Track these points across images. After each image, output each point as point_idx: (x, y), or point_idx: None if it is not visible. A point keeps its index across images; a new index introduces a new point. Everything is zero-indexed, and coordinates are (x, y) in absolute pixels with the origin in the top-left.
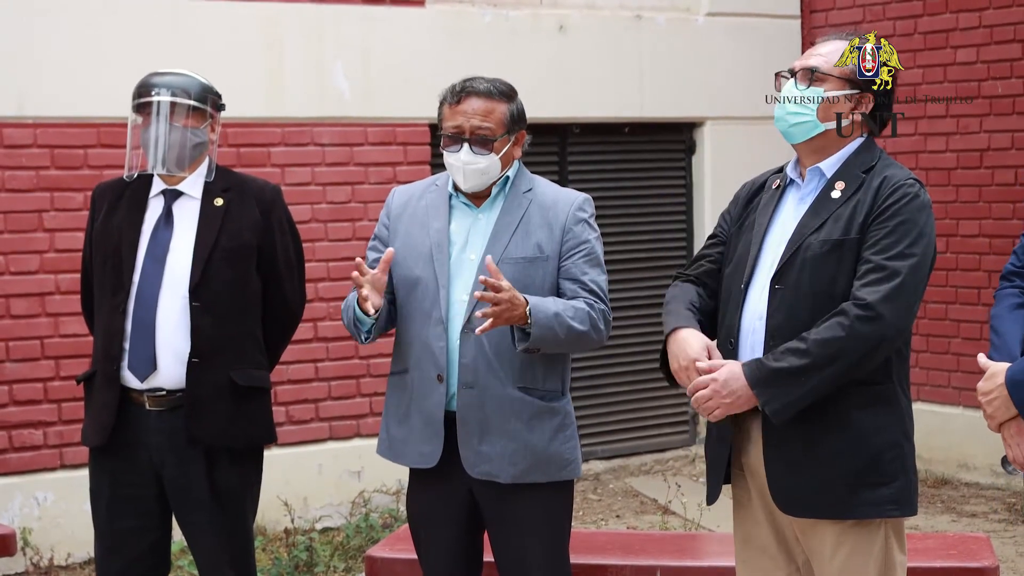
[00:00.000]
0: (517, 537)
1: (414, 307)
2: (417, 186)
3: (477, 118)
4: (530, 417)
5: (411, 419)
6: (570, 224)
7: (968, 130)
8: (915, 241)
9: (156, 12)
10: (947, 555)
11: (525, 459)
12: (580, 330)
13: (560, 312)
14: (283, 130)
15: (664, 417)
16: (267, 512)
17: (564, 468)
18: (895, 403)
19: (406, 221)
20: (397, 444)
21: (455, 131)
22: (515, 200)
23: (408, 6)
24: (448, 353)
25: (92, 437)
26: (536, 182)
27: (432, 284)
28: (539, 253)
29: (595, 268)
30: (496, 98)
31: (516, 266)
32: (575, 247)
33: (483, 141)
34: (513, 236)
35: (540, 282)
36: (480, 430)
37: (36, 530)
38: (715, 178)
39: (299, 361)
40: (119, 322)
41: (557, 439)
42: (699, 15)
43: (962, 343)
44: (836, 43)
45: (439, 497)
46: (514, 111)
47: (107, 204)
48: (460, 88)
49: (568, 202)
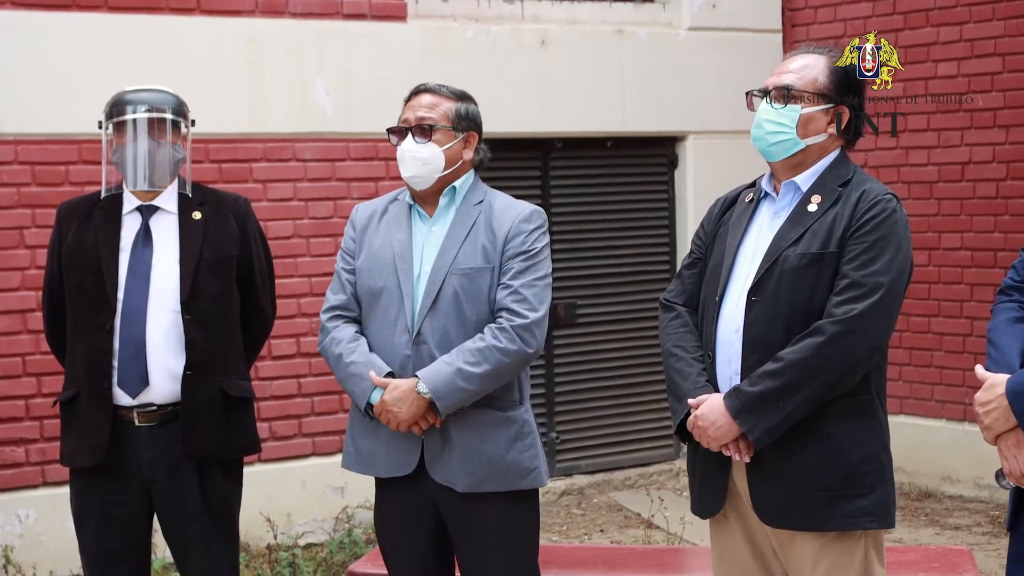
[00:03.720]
0: (480, 548)
1: (378, 316)
2: (379, 201)
3: (422, 110)
4: (485, 427)
5: (380, 429)
6: (513, 233)
7: (950, 143)
8: (893, 257)
9: (138, 29)
10: (929, 567)
11: (481, 468)
12: (487, 371)
13: (461, 367)
14: (265, 146)
15: (648, 431)
16: (250, 528)
17: (524, 477)
18: (873, 415)
19: (370, 233)
20: (366, 456)
21: (403, 123)
22: (466, 211)
23: (389, 22)
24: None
25: (82, 458)
26: (490, 194)
27: (396, 293)
28: (485, 263)
29: (532, 274)
30: (444, 95)
31: (463, 277)
32: (514, 255)
33: (424, 130)
34: (462, 247)
35: (487, 292)
36: (441, 437)
37: (18, 547)
38: (698, 192)
39: (282, 377)
40: (105, 341)
41: (515, 448)
42: (680, 30)
43: (944, 356)
44: (806, 57)
45: (406, 507)
46: (462, 109)
47: (76, 223)
48: (416, 88)
49: (515, 212)
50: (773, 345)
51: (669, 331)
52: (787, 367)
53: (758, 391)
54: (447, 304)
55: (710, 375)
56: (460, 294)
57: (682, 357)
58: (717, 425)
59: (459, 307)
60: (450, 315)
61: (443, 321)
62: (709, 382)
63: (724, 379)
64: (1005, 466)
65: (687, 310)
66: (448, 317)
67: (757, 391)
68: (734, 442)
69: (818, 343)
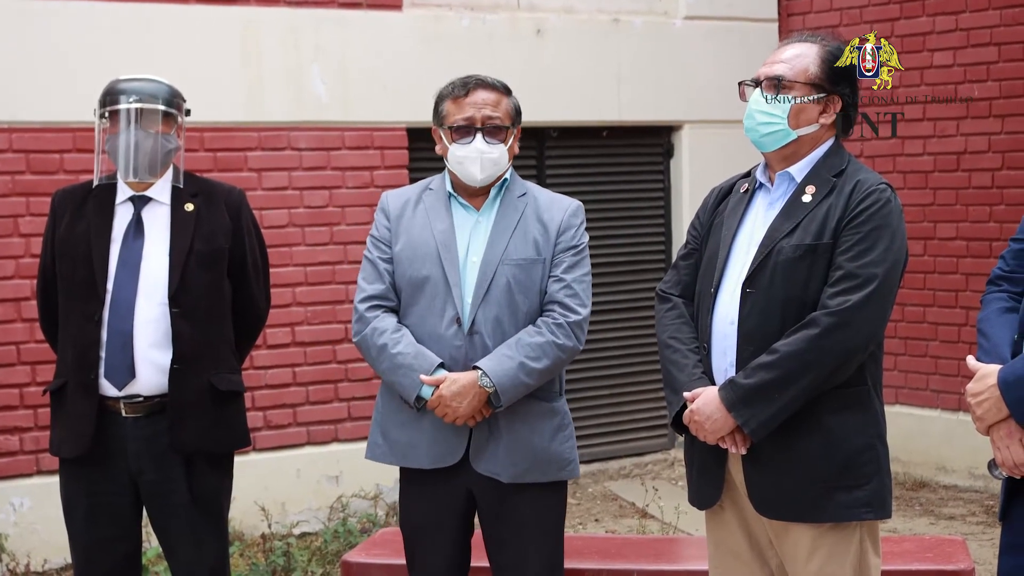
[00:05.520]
0: (515, 537)
1: (422, 306)
2: (410, 190)
3: (488, 108)
4: (532, 417)
5: (425, 420)
6: (564, 227)
7: (945, 133)
8: (887, 248)
9: (133, 16)
10: (923, 557)
11: (526, 459)
12: (547, 366)
13: (523, 361)
14: (260, 134)
15: (643, 421)
16: (244, 517)
17: (563, 468)
18: (869, 405)
19: (407, 222)
20: (403, 448)
21: (467, 122)
22: (511, 203)
23: (385, 10)
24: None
25: (68, 448)
26: (529, 187)
27: (442, 284)
28: (536, 255)
29: (581, 270)
30: (500, 91)
31: (515, 267)
32: (566, 249)
33: (495, 130)
34: (512, 238)
35: (538, 283)
36: (488, 428)
37: (12, 536)
38: (693, 182)
39: (277, 366)
40: (93, 332)
41: (557, 439)
42: (677, 19)
43: (940, 346)
44: (798, 47)
45: (439, 498)
46: (516, 105)
47: (69, 211)
48: (466, 81)
49: (562, 206)
50: (768, 337)
51: (665, 322)
52: (782, 359)
53: (753, 383)
54: (500, 294)
55: (706, 367)
56: (513, 285)
57: (678, 349)
58: (713, 419)
59: (511, 298)
60: (503, 305)
61: (496, 311)
62: (705, 374)
63: (719, 371)
64: (997, 456)
65: (683, 301)
66: (501, 307)
67: (752, 383)
68: (730, 434)
69: (813, 335)
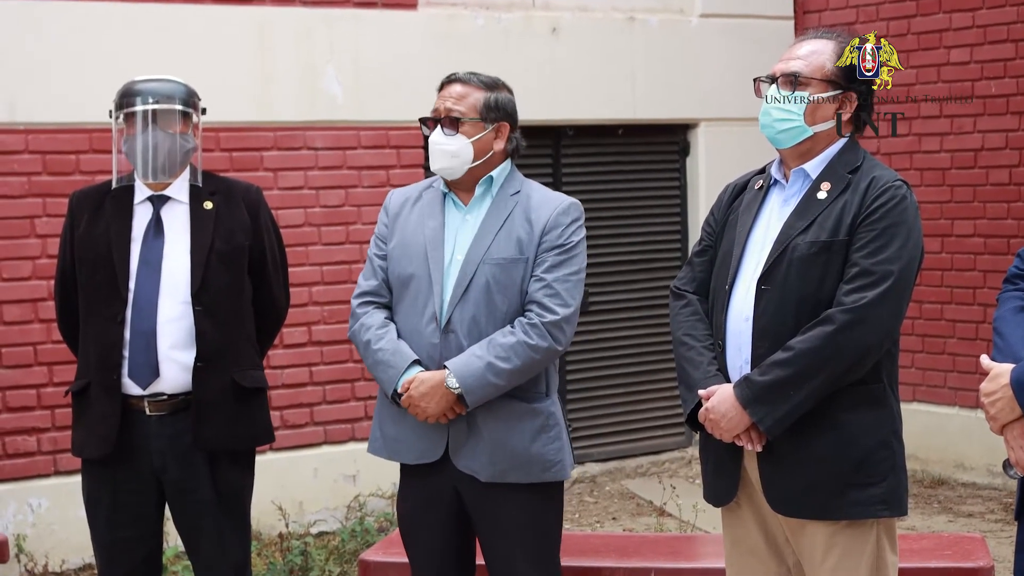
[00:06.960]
0: (502, 539)
1: (407, 303)
2: (413, 187)
3: (451, 100)
4: (512, 417)
5: (408, 416)
6: (550, 226)
7: (962, 130)
8: (903, 245)
9: (147, 17)
10: (942, 555)
11: (505, 459)
12: (517, 367)
13: (491, 361)
14: (275, 134)
15: (659, 419)
16: (262, 517)
17: (548, 470)
18: (885, 403)
19: (403, 220)
20: (392, 442)
21: (433, 114)
22: (502, 201)
23: (400, 9)
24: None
25: (92, 449)
26: (527, 184)
27: (426, 281)
28: (519, 254)
29: (565, 269)
30: (474, 85)
31: (495, 267)
32: (551, 248)
33: (452, 122)
34: (496, 237)
35: (519, 282)
36: (467, 426)
37: (30, 536)
38: (709, 180)
39: (293, 365)
40: (116, 332)
41: (539, 440)
42: (692, 16)
43: (958, 343)
44: (814, 43)
45: (428, 494)
46: (491, 100)
47: (88, 212)
48: (449, 76)
49: (553, 204)
50: (783, 334)
51: (680, 319)
52: (797, 356)
53: (768, 380)
54: (478, 294)
55: (720, 364)
56: (492, 284)
57: (692, 346)
58: (728, 416)
59: (490, 297)
60: (480, 305)
61: (473, 311)
62: (720, 371)
63: (734, 368)
64: (1011, 456)
65: (697, 298)
66: (479, 307)
67: (767, 380)
68: (745, 432)
69: (828, 332)
